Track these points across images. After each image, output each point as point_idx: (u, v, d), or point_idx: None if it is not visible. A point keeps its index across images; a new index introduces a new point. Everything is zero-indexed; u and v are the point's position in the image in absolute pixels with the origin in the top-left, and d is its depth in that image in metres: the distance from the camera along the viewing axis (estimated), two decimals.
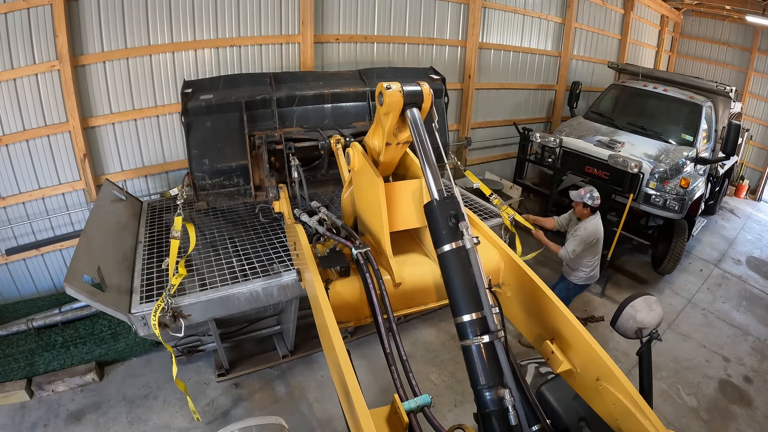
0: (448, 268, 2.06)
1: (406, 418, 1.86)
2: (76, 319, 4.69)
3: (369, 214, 2.83)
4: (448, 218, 2.07)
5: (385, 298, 2.38)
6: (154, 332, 3.11)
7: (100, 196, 4.43)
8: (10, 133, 4.59)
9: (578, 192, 4.90)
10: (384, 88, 2.25)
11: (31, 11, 4.33)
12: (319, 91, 4.58)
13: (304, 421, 4.27)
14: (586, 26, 9.83)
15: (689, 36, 13.08)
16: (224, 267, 3.80)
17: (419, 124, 2.31)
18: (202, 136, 4.19)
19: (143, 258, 3.92)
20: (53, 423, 4.11)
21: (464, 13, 7.51)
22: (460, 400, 4.53)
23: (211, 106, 4.17)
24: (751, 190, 12.18)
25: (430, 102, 2.34)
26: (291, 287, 3.65)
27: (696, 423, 4.57)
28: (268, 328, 4.86)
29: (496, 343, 1.91)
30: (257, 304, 3.65)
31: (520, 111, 9.30)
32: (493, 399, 1.86)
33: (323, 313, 2.16)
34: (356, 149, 2.78)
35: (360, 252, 2.48)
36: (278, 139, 4.23)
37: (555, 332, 2.35)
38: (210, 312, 3.50)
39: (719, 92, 7.52)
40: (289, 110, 4.50)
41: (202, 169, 4.22)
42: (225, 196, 4.37)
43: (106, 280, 3.26)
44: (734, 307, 6.76)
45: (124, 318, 3.16)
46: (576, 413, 2.46)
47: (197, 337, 4.55)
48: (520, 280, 2.60)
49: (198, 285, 3.53)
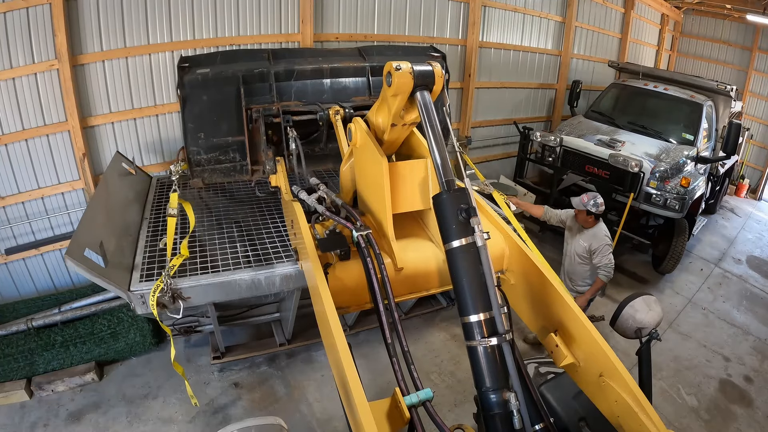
0: (457, 265, 1.96)
1: (408, 413, 1.79)
2: (76, 319, 4.67)
3: (370, 193, 2.73)
4: (459, 212, 1.97)
5: (386, 284, 2.27)
6: (151, 312, 3.04)
7: (110, 167, 4.34)
8: (9, 132, 4.58)
9: (580, 199, 4.55)
10: (393, 68, 2.09)
11: (30, 11, 4.31)
12: (318, 66, 4.48)
13: (304, 421, 4.27)
14: (586, 25, 9.81)
15: (690, 35, 13.05)
16: (227, 250, 3.68)
17: (430, 109, 2.17)
18: (198, 109, 4.07)
19: (147, 235, 3.80)
20: (53, 423, 4.10)
21: (464, 11, 7.49)
22: (460, 399, 4.53)
23: (208, 79, 4.06)
24: (752, 189, 12.15)
25: (442, 84, 2.20)
26: (294, 278, 3.53)
27: (696, 423, 4.57)
28: (268, 314, 4.80)
29: (504, 346, 1.84)
30: (258, 292, 3.54)
31: (520, 110, 9.28)
32: (498, 402, 1.81)
33: (322, 298, 2.09)
34: (359, 125, 2.66)
35: (361, 235, 2.37)
36: (276, 112, 4.13)
37: (559, 323, 2.29)
38: (210, 296, 3.40)
39: (720, 91, 7.50)
40: (287, 84, 4.38)
41: (198, 144, 4.12)
42: (221, 172, 4.26)
43: (108, 256, 3.17)
44: (735, 306, 6.76)
45: (123, 295, 3.08)
46: (576, 413, 2.46)
47: (195, 317, 4.49)
48: (525, 267, 2.52)
49: (199, 267, 3.42)
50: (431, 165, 2.47)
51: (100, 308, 4.73)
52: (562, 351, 2.22)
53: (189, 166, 4.17)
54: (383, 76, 2.20)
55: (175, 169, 3.97)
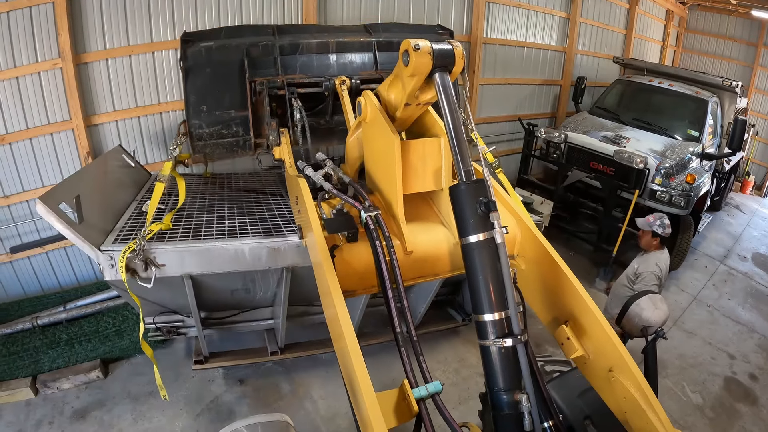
0: (473, 261, 1.87)
1: (416, 406, 1.73)
2: (81, 317, 4.70)
3: (380, 172, 2.62)
4: (478, 205, 1.86)
5: (395, 268, 2.17)
6: (120, 277, 2.80)
7: (108, 154, 4.19)
8: (13, 131, 4.59)
9: (645, 219, 4.29)
10: (412, 48, 1.93)
11: (33, 9, 4.32)
12: (323, 40, 4.37)
13: (309, 418, 4.27)
14: (591, 21, 9.75)
15: (695, 31, 12.97)
16: (214, 222, 3.46)
17: (450, 93, 2.02)
18: (201, 82, 3.98)
19: (133, 212, 3.55)
20: (58, 420, 4.12)
21: (468, 8, 7.46)
22: (465, 397, 4.53)
23: (212, 51, 3.98)
24: (757, 186, 12.10)
25: (462, 66, 2.05)
26: (283, 253, 3.22)
27: (701, 421, 4.55)
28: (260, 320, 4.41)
29: (519, 347, 1.79)
30: (241, 267, 3.23)
31: (524, 106, 9.24)
32: (510, 402, 1.76)
33: (327, 280, 1.99)
34: (369, 99, 2.51)
35: (370, 216, 2.26)
36: (280, 84, 4.02)
37: (570, 314, 2.23)
38: (187, 266, 3.10)
39: (725, 87, 7.46)
40: (292, 58, 4.25)
41: (200, 117, 3.99)
42: (223, 147, 4.13)
43: (84, 216, 2.96)
44: (740, 304, 6.73)
45: (92, 254, 2.84)
46: (581, 411, 2.45)
47: (180, 317, 4.25)
48: (537, 253, 2.43)
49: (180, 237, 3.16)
50: (445, 144, 2.37)
51: (105, 306, 4.75)
52: (573, 344, 2.15)
53: (190, 141, 4.05)
54: (400, 53, 2.04)
55: (175, 143, 3.86)
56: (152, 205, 3.09)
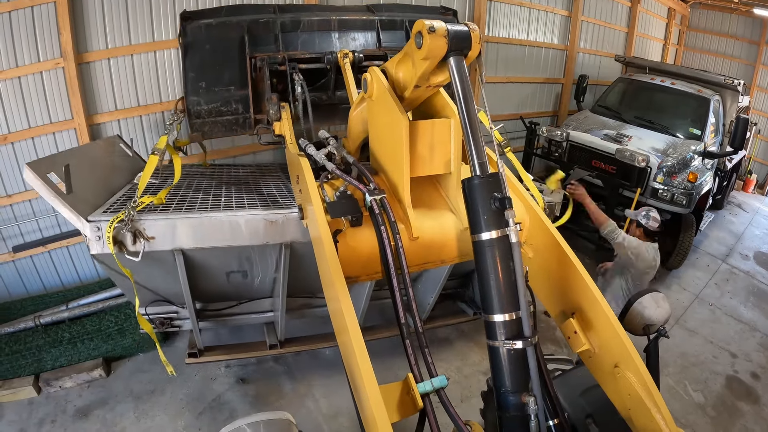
0: (484, 260, 1.80)
1: (421, 401, 1.69)
2: (83, 316, 4.71)
3: (385, 153, 2.51)
4: (492, 201, 1.78)
5: (401, 254, 2.07)
6: (107, 250, 2.67)
7: (105, 140, 4.07)
8: (15, 131, 4.60)
9: (633, 211, 4.44)
10: (426, 29, 1.81)
11: (35, 9, 4.33)
12: (325, 17, 4.30)
13: (311, 416, 4.28)
14: (592, 19, 9.74)
15: (696, 29, 12.95)
16: (209, 200, 3.29)
17: (465, 79, 1.93)
18: (200, 58, 3.91)
19: (126, 191, 3.42)
20: (61, 419, 4.13)
21: (470, 6, 7.46)
22: (466, 395, 4.53)
23: (211, 27, 3.93)
24: (759, 184, 12.08)
25: (479, 50, 1.95)
26: (282, 226, 3.04)
27: (703, 419, 4.55)
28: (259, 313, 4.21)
29: (528, 350, 1.74)
30: (236, 241, 3.05)
31: (526, 105, 9.24)
32: (517, 404, 1.73)
33: (329, 266, 1.92)
34: (376, 75, 2.36)
35: (375, 199, 2.16)
36: (281, 60, 3.91)
37: (577, 306, 2.19)
38: (178, 239, 2.93)
39: (727, 86, 7.45)
40: (293, 35, 4.16)
41: (198, 93, 3.89)
42: (222, 125, 4.02)
43: (74, 188, 2.84)
44: (742, 302, 6.72)
45: (79, 225, 2.72)
46: (583, 410, 2.44)
47: (174, 308, 4.05)
48: (545, 241, 2.37)
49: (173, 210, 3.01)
50: (456, 125, 2.28)
51: (107, 305, 4.76)
52: (580, 338, 2.11)
53: (188, 118, 3.96)
54: (412, 34, 1.92)
55: (172, 118, 3.78)
56: (144, 176, 2.99)
